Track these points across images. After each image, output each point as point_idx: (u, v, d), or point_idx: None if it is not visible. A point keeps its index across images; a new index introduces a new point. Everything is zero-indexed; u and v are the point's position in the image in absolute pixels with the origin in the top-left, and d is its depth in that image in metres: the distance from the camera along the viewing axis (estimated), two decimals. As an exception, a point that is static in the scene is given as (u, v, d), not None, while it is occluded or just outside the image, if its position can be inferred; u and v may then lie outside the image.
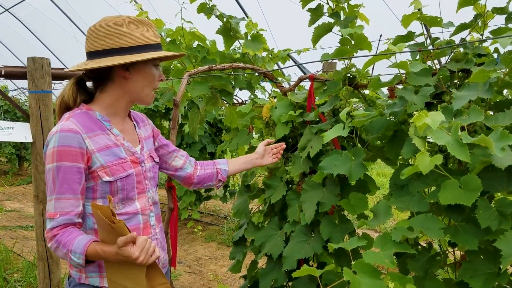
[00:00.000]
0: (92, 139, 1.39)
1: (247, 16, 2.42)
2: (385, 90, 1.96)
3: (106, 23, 1.40)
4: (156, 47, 1.45)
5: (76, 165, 1.34)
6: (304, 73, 3.86)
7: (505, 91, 1.49)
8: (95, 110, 1.46)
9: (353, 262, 1.29)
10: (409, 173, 1.29)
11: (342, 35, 1.78)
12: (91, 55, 1.41)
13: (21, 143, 9.72)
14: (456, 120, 1.23)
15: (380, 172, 9.32)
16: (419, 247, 1.52)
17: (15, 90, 9.73)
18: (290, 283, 1.96)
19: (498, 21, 1.65)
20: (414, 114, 1.14)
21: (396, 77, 1.60)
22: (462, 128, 1.28)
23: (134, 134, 1.58)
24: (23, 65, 3.06)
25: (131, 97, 1.49)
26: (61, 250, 1.32)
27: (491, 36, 1.60)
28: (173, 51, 1.96)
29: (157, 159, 1.64)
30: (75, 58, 10.19)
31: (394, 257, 1.38)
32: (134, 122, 1.62)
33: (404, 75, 1.62)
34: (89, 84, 1.52)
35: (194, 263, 4.68)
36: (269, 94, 2.44)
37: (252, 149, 2.23)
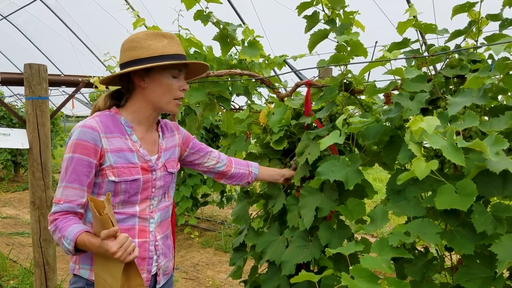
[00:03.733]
0: (108, 139, 1.49)
1: (243, 23, 2.44)
2: (381, 95, 1.98)
3: (131, 37, 1.52)
4: (175, 57, 1.52)
5: (87, 159, 1.44)
6: (301, 79, 3.88)
7: (499, 97, 1.50)
8: (122, 115, 1.56)
9: (351, 267, 1.30)
10: (405, 178, 1.30)
11: (338, 42, 1.80)
12: (120, 67, 1.55)
13: (17, 149, 9.69)
14: (452, 125, 1.24)
15: (377, 177, 9.35)
16: (416, 251, 1.53)
17: (11, 96, 9.72)
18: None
19: (492, 27, 1.67)
20: (410, 119, 1.15)
21: (391, 84, 1.62)
22: (458, 133, 1.29)
23: (155, 144, 1.64)
24: (20, 72, 3.06)
25: (152, 105, 1.57)
26: (57, 234, 1.42)
27: (485, 43, 1.62)
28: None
29: (171, 169, 1.67)
30: (71, 64, 10.21)
31: (391, 261, 1.39)
32: (160, 133, 1.68)
33: (399, 81, 1.64)
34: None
35: (191, 269, 4.67)
36: (266, 100, 2.45)
37: (250, 155, 2.24)
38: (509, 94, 1.49)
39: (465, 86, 1.34)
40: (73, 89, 3.27)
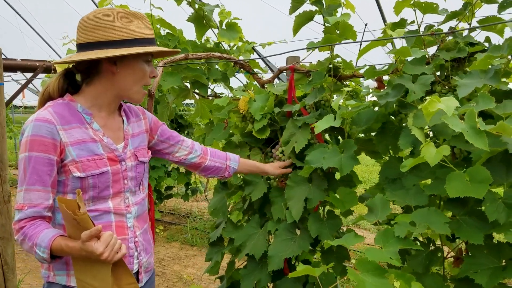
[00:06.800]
0: (67, 131, 1.31)
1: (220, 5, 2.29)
2: (368, 82, 1.91)
3: (97, 14, 1.32)
4: (148, 41, 1.37)
5: (47, 156, 1.28)
6: (269, 67, 3.78)
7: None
8: (78, 102, 1.38)
9: (354, 261, 1.21)
10: (412, 165, 1.24)
11: (325, 24, 1.71)
12: (80, 47, 1.35)
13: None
14: (463, 107, 1.17)
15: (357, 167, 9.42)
16: (418, 243, 1.46)
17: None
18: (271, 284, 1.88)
19: (486, 11, 1.64)
20: (426, 101, 1.06)
21: (391, 66, 1.54)
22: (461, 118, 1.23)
23: (120, 130, 1.47)
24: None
25: (118, 92, 1.40)
26: (27, 243, 1.26)
27: (477, 25, 1.58)
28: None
29: (142, 158, 1.51)
30: (20, 51, 9.67)
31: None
32: (124, 118, 1.50)
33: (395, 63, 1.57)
34: (78, 76, 1.45)
35: (156, 264, 4.49)
36: (244, 86, 2.32)
37: (229, 143, 2.11)
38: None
39: (476, 67, 1.27)
40: (24, 78, 3.02)
